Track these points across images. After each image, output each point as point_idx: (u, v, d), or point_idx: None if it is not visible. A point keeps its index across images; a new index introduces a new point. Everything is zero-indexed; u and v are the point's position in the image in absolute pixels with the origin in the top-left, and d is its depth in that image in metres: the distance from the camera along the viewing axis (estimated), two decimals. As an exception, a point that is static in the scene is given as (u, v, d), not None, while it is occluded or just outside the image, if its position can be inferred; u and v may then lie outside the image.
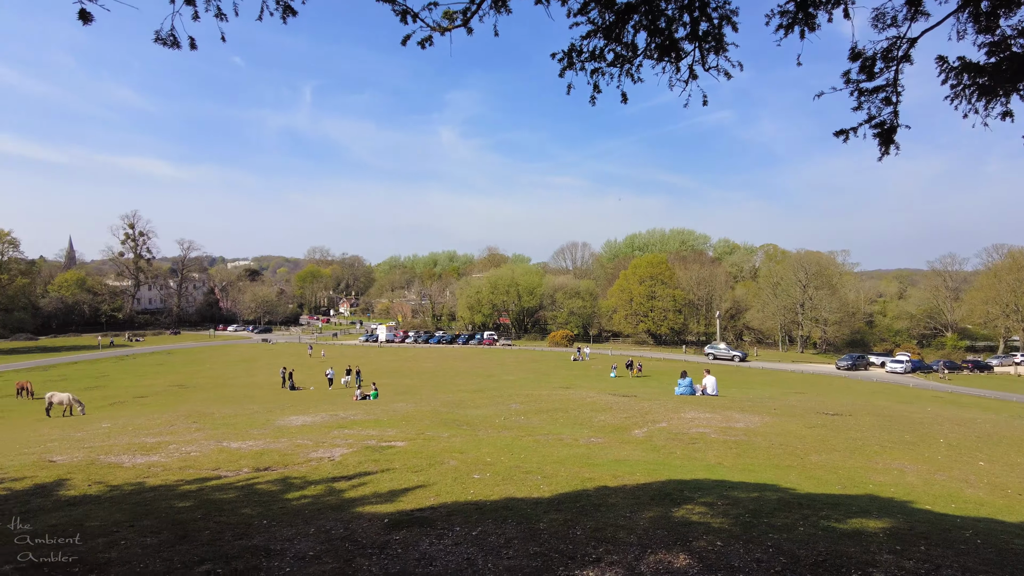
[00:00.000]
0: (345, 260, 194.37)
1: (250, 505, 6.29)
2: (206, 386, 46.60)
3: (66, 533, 5.36)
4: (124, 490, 7.01)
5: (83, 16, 4.04)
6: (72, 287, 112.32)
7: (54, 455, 9.79)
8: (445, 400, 26.08)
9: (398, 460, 8.66)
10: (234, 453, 9.44)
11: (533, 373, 53.13)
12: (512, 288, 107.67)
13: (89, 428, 17.53)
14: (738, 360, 71.20)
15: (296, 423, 15.58)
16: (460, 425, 16.39)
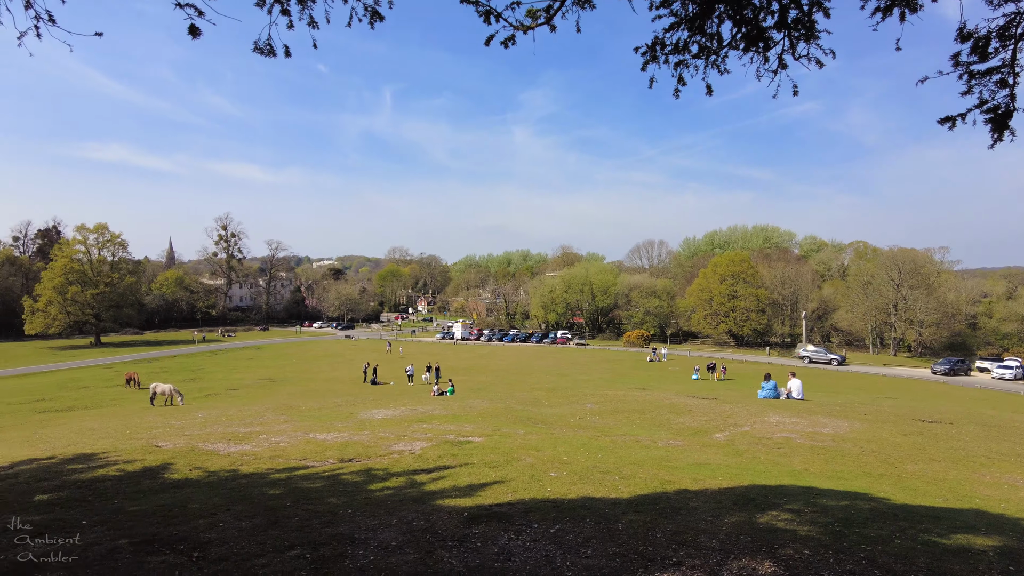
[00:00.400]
0: (423, 259, 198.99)
1: (336, 494, 6.55)
2: (293, 380, 48.80)
3: (170, 512, 5.76)
4: (220, 476, 7.45)
5: (192, 31, 4.34)
6: (172, 285, 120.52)
7: (159, 441, 10.52)
8: (520, 398, 26.24)
9: (476, 455, 8.79)
10: (320, 444, 9.86)
11: (608, 373, 52.61)
12: (586, 287, 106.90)
13: (187, 418, 18.73)
14: (836, 364, 66.69)
15: (378, 416, 16.09)
16: (535, 423, 16.44)
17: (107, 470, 7.65)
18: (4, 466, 8.09)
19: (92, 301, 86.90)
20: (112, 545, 4.69)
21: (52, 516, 5.53)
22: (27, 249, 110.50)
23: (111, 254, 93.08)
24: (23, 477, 7.25)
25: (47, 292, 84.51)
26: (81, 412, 29.99)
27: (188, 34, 4.31)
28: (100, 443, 10.81)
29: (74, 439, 12.09)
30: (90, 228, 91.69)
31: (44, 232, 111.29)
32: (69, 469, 7.74)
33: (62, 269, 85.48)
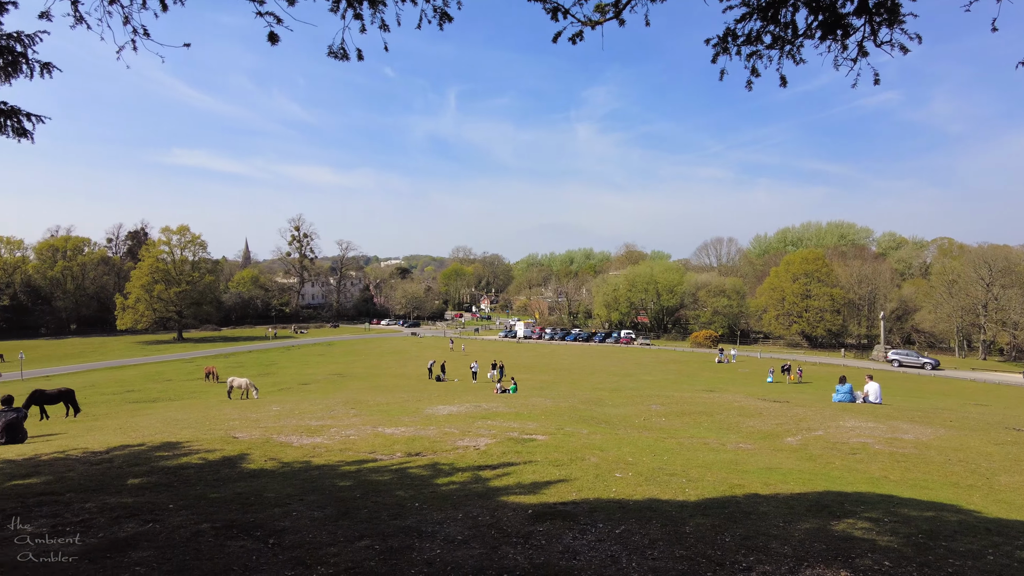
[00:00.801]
0: (486, 259, 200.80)
1: (403, 487, 6.70)
2: (361, 375, 50.22)
3: (247, 500, 6.03)
4: (294, 467, 7.75)
5: (271, 38, 4.55)
6: (248, 284, 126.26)
7: (236, 432, 11.04)
8: (583, 397, 26.10)
9: (539, 453, 8.81)
10: (388, 438, 10.11)
11: (674, 374, 51.62)
12: (651, 286, 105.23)
13: (262, 410, 19.54)
14: (930, 368, 62.19)
15: (443, 412, 16.35)
16: (599, 423, 16.31)
17: (190, 458, 8.09)
18: (101, 451, 8.68)
19: (175, 299, 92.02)
20: (196, 529, 4.96)
21: (143, 499, 5.90)
22: (119, 250, 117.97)
23: (192, 254, 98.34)
24: (117, 462, 7.76)
25: (136, 290, 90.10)
26: (166, 403, 31.79)
27: (268, 40, 4.52)
28: (183, 433, 11.43)
29: (160, 428, 12.83)
30: (173, 230, 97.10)
31: (133, 234, 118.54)
32: (157, 456, 8.23)
33: (149, 268, 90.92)
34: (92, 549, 4.50)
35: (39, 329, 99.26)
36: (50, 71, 6.14)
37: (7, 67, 6.30)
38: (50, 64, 6.12)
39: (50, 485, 6.46)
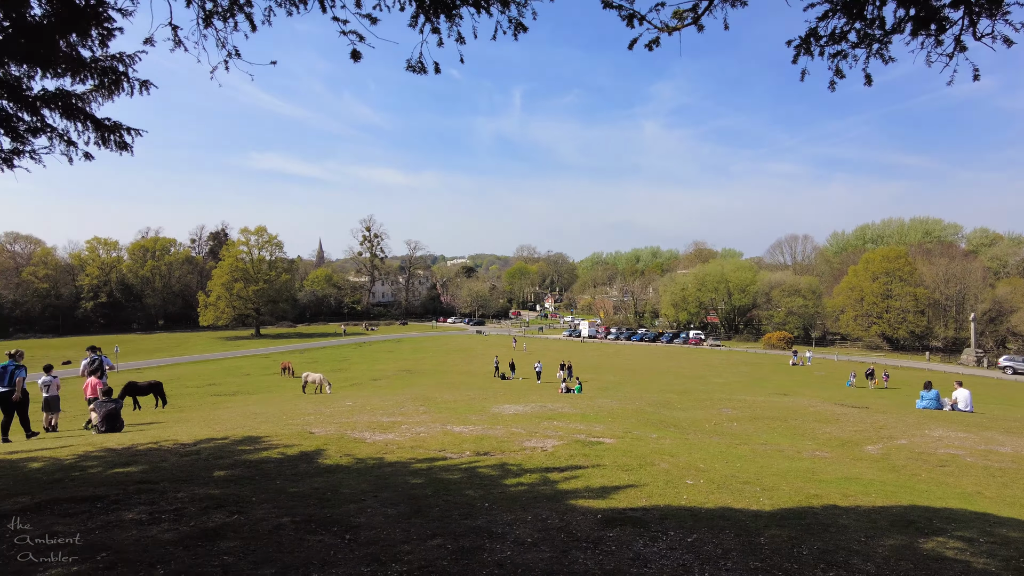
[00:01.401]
0: (550, 257, 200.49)
1: (473, 487, 6.79)
2: (429, 372, 51.13)
3: (324, 495, 6.26)
4: (368, 463, 7.98)
5: (354, 55, 4.73)
6: (321, 282, 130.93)
7: (313, 427, 11.46)
8: (650, 400, 25.69)
9: (608, 457, 8.74)
10: (457, 437, 10.27)
11: (745, 377, 50.07)
12: (721, 285, 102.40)
13: (336, 405, 20.19)
14: None
15: (509, 411, 16.46)
16: (667, 427, 16.03)
17: (270, 452, 8.46)
18: (190, 443, 9.21)
19: (253, 296, 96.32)
20: (277, 522, 5.19)
21: (228, 491, 6.22)
22: (201, 250, 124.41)
23: (269, 254, 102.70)
24: (204, 454, 8.21)
25: (217, 288, 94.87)
26: (244, 396, 33.33)
27: (351, 58, 4.70)
28: (263, 427, 11.96)
29: (241, 422, 13.47)
30: (252, 230, 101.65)
31: (214, 234, 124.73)
32: (239, 450, 8.66)
33: (228, 267, 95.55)
34: (185, 537, 4.79)
35: (131, 325, 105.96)
36: (147, 88, 6.58)
37: (111, 85, 6.79)
38: (148, 82, 6.55)
39: (147, 474, 6.91)
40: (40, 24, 5.84)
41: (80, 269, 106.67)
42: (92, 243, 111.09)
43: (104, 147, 6.59)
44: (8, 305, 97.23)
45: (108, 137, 6.57)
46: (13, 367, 13.36)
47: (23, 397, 13.11)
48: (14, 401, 12.96)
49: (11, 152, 6.32)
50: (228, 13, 5.04)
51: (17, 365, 13.46)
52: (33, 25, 5.90)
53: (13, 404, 12.97)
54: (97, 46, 5.93)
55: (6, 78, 6.29)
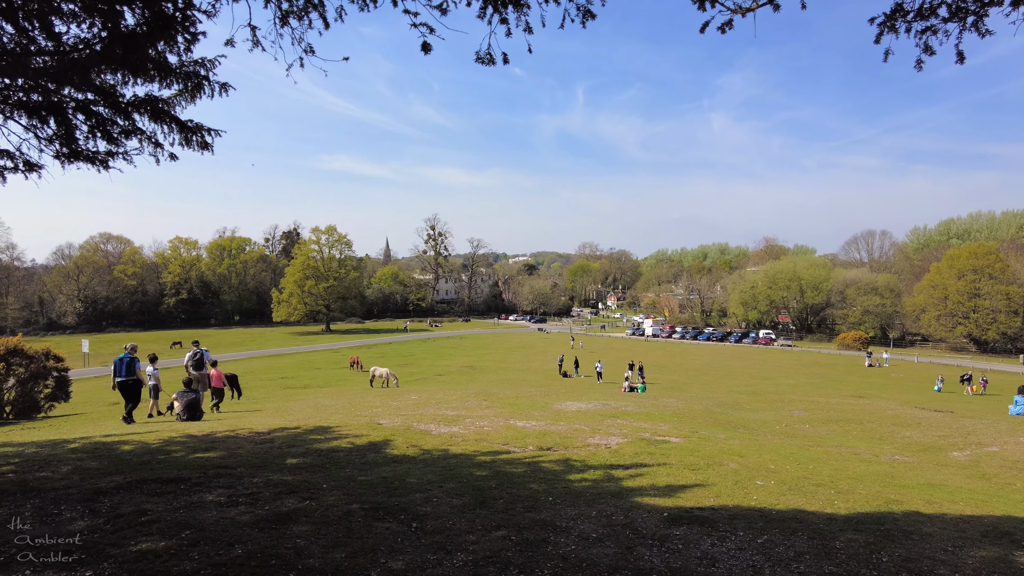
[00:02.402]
0: (613, 255, 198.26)
1: (537, 481, 6.80)
2: (491, 368, 51.51)
3: (392, 484, 6.40)
4: (433, 454, 8.11)
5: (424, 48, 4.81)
6: (388, 280, 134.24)
7: (380, 419, 11.75)
8: (717, 400, 25.07)
9: (674, 456, 8.58)
10: (520, 431, 10.30)
11: (818, 378, 48.09)
12: (793, 282, 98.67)
13: (402, 399, 20.64)
14: None
15: (572, 408, 16.40)
16: (736, 427, 15.61)
17: (340, 442, 8.72)
18: (264, 432, 9.61)
19: (324, 293, 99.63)
20: (347, 508, 5.35)
21: (300, 477, 6.46)
22: (274, 248, 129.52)
23: (339, 252, 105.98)
24: (278, 443, 8.55)
25: (289, 285, 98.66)
26: (315, 389, 34.48)
27: (421, 50, 4.78)
28: (333, 418, 12.35)
29: (312, 413, 13.95)
30: (322, 229, 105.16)
31: (287, 234, 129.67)
32: (311, 439, 8.97)
33: (301, 265, 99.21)
34: (260, 519, 5.00)
35: (210, 320, 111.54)
36: (226, 91, 6.90)
37: (194, 89, 7.16)
38: (227, 84, 6.88)
39: (225, 460, 7.26)
40: (133, 33, 6.21)
41: (164, 267, 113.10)
42: (174, 243, 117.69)
43: (187, 147, 6.97)
44: (101, 301, 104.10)
45: (191, 138, 6.94)
46: (130, 359, 14.92)
47: (139, 385, 14.81)
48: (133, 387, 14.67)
49: (106, 154, 6.77)
50: (303, 12, 5.23)
51: (132, 357, 15.00)
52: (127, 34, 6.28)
53: (133, 390, 14.67)
54: (182, 51, 6.27)
55: (103, 85, 6.72)
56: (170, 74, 6.41)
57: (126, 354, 14.98)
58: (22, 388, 22.35)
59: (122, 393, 14.68)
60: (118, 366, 14.82)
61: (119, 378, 14.72)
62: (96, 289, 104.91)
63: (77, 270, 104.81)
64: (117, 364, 14.88)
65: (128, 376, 14.70)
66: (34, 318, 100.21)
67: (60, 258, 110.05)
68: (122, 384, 14.64)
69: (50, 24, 6.10)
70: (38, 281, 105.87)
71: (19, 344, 22.88)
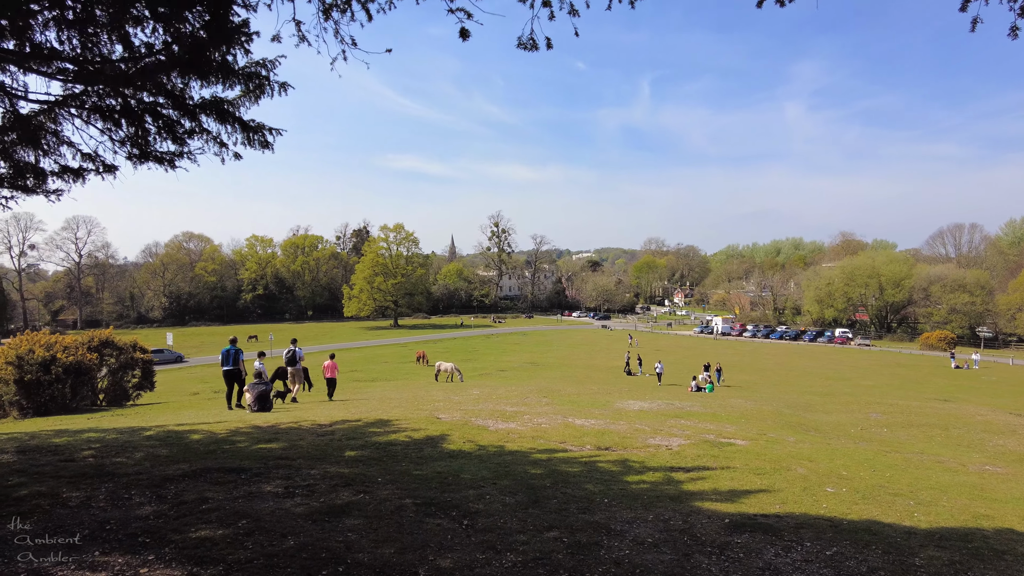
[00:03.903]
0: (680, 250, 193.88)
1: (592, 481, 6.64)
2: (553, 365, 51.35)
3: (446, 479, 6.38)
4: (489, 450, 8.07)
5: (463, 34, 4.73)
6: (453, 276, 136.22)
7: (440, 413, 11.83)
8: (789, 401, 24.06)
9: (739, 459, 8.21)
10: (578, 429, 10.14)
11: (898, 379, 45.52)
12: (873, 279, 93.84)
13: (464, 394, 20.78)
14: None
15: (634, 407, 16.07)
16: (807, 430, 14.91)
17: (398, 436, 8.81)
18: (326, 424, 9.83)
19: (392, 289, 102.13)
20: (399, 503, 5.35)
21: (356, 470, 6.53)
22: (345, 246, 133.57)
23: (406, 249, 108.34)
24: (338, 435, 8.72)
25: (359, 282, 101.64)
26: (383, 383, 35.27)
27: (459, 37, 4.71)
28: (394, 411, 12.53)
29: (375, 406, 14.22)
30: (390, 227, 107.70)
31: (357, 231, 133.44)
32: (370, 432, 9.10)
33: (370, 262, 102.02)
34: (314, 511, 5.07)
35: (284, 315, 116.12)
36: (286, 90, 7.05)
37: (256, 89, 7.36)
38: (286, 84, 7.03)
39: (286, 451, 7.44)
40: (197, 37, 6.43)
41: (241, 264, 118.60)
42: (251, 241, 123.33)
43: (249, 146, 7.17)
44: (184, 296, 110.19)
45: (252, 137, 7.13)
46: (235, 351, 16.42)
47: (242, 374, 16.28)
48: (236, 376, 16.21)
49: (174, 154, 7.05)
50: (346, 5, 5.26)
51: (237, 349, 16.55)
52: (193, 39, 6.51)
53: (237, 379, 16.20)
54: (241, 53, 6.44)
55: (172, 89, 7.00)
56: (232, 75, 6.60)
57: (231, 347, 16.44)
58: (113, 377, 23.85)
59: (226, 381, 16.12)
60: (225, 356, 16.32)
61: (226, 367, 16.21)
62: (180, 285, 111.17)
63: (163, 267, 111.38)
64: (224, 355, 16.35)
65: (234, 366, 16.19)
66: (126, 312, 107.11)
67: (148, 256, 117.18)
68: (228, 372, 16.13)
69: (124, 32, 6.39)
70: (129, 278, 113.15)
71: (110, 336, 24.41)
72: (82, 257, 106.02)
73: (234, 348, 16.48)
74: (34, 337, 21.05)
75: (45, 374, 19.44)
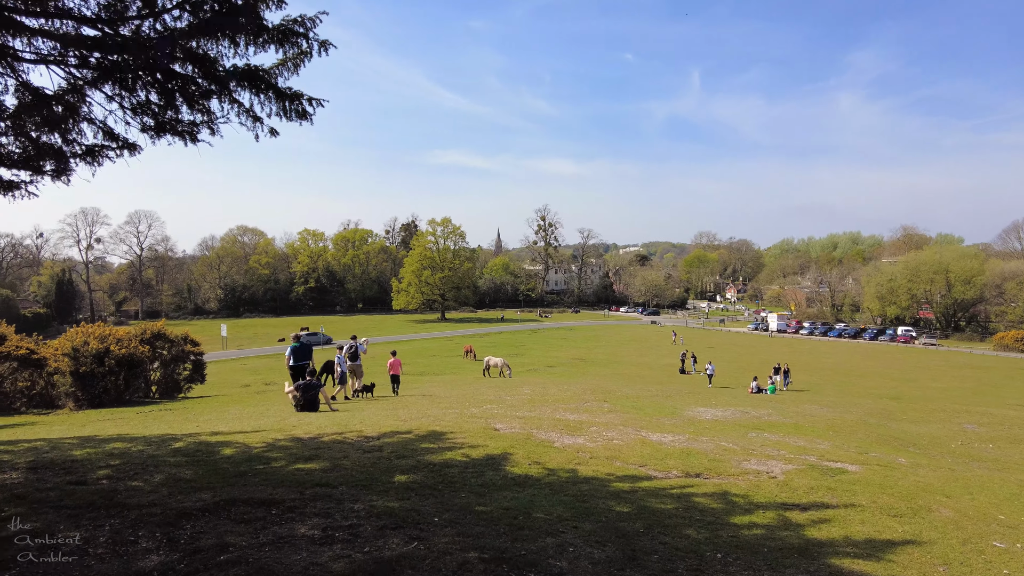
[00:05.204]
0: (732, 244, 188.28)
1: (693, 524, 5.39)
2: (602, 362, 49.88)
3: (515, 519, 5.25)
4: (560, 476, 6.90)
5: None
6: (499, 270, 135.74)
7: (496, 423, 10.71)
8: (866, 408, 22.10)
9: (861, 493, 6.80)
10: (657, 448, 8.86)
11: (972, 383, 42.33)
12: (939, 275, 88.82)
13: (515, 392, 19.68)
14: None
15: (706, 416, 14.64)
16: (905, 445, 13.25)
17: (454, 454, 7.72)
18: (373, 436, 8.82)
19: (439, 283, 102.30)
20: (463, 558, 4.23)
21: (409, 505, 5.45)
22: (394, 239, 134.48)
23: (453, 243, 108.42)
24: (386, 452, 7.68)
25: (408, 275, 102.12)
26: (431, 377, 34.55)
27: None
28: (447, 417, 11.48)
29: (425, 410, 13.21)
30: (438, 221, 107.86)
31: (405, 226, 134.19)
32: (422, 448, 8.04)
33: (418, 256, 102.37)
34: (357, 569, 3.99)
35: (335, 307, 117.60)
36: (326, 49, 6.01)
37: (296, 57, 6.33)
38: (327, 42, 5.98)
39: (326, 473, 6.42)
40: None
41: (293, 258, 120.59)
42: (303, 234, 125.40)
43: (285, 118, 6.18)
44: (239, 289, 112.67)
45: (289, 107, 6.13)
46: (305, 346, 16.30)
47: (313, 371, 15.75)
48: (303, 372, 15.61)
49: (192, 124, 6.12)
50: None
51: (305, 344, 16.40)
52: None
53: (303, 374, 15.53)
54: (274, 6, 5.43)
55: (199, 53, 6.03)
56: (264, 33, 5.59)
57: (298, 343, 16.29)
58: (165, 370, 23.78)
59: (293, 376, 15.71)
60: (296, 352, 16.07)
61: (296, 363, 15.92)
62: (234, 278, 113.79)
63: (218, 260, 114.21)
64: (295, 350, 16.09)
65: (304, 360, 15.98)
66: (183, 303, 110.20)
67: (204, 249, 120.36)
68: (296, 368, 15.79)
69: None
70: (187, 270, 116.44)
71: (162, 329, 24.34)
72: (143, 250, 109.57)
73: (302, 344, 16.29)
74: (89, 329, 21.03)
75: (99, 366, 19.35)
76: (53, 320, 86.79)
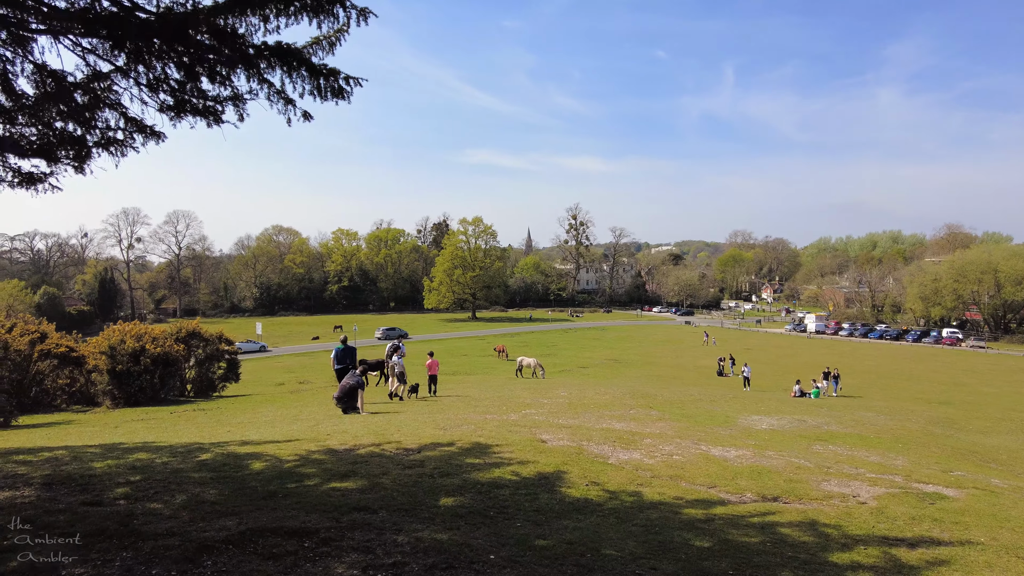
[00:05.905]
0: (768, 243, 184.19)
1: (788, 565, 4.60)
2: (636, 363, 48.83)
3: (583, 557, 4.54)
4: (623, 500, 6.15)
5: None
6: (530, 269, 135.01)
7: (541, 432, 10.00)
8: (926, 415, 20.79)
9: (975, 527, 5.90)
10: (724, 466, 8.03)
11: (1025, 387, 40.14)
12: (987, 275, 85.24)
13: (552, 395, 18.91)
14: None
15: (762, 426, 13.69)
16: (985, 461, 12.14)
17: (502, 471, 7.02)
18: (414, 449, 8.17)
19: (470, 282, 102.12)
20: (530, 612, 3.53)
21: (459, 537, 4.76)
22: (425, 239, 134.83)
23: (484, 242, 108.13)
24: (429, 467, 7.01)
25: (439, 274, 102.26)
26: (463, 377, 34.03)
27: None
28: (488, 425, 10.82)
29: (463, 415, 12.57)
30: (469, 221, 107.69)
31: (437, 225, 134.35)
32: (467, 464, 7.36)
33: (449, 255, 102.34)
34: (406, 625, 3.33)
35: (368, 306, 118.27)
36: (365, 18, 5.37)
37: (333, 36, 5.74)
38: (366, 10, 5.34)
39: (364, 495, 5.78)
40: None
41: (327, 257, 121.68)
42: (337, 234, 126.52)
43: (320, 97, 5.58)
44: (274, 287, 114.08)
45: (324, 85, 5.53)
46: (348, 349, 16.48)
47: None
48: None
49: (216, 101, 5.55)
50: None
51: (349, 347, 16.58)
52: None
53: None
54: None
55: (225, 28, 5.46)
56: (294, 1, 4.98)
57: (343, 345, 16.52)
58: (200, 368, 23.70)
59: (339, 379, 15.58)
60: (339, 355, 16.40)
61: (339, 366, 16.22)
62: (270, 276, 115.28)
63: (254, 259, 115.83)
64: (337, 353, 16.46)
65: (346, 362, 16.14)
66: (220, 302, 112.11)
67: (240, 248, 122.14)
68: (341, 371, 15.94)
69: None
70: (223, 269, 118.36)
71: (197, 327, 24.27)
72: (181, 249, 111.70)
73: (346, 347, 16.31)
74: (125, 327, 21.00)
75: (135, 364, 19.32)
76: (96, 317, 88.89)
